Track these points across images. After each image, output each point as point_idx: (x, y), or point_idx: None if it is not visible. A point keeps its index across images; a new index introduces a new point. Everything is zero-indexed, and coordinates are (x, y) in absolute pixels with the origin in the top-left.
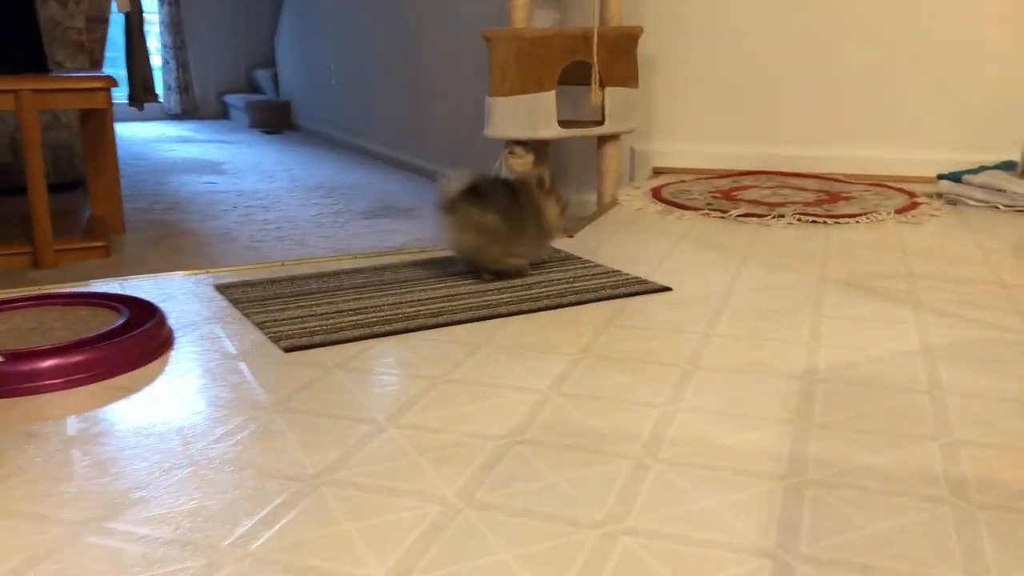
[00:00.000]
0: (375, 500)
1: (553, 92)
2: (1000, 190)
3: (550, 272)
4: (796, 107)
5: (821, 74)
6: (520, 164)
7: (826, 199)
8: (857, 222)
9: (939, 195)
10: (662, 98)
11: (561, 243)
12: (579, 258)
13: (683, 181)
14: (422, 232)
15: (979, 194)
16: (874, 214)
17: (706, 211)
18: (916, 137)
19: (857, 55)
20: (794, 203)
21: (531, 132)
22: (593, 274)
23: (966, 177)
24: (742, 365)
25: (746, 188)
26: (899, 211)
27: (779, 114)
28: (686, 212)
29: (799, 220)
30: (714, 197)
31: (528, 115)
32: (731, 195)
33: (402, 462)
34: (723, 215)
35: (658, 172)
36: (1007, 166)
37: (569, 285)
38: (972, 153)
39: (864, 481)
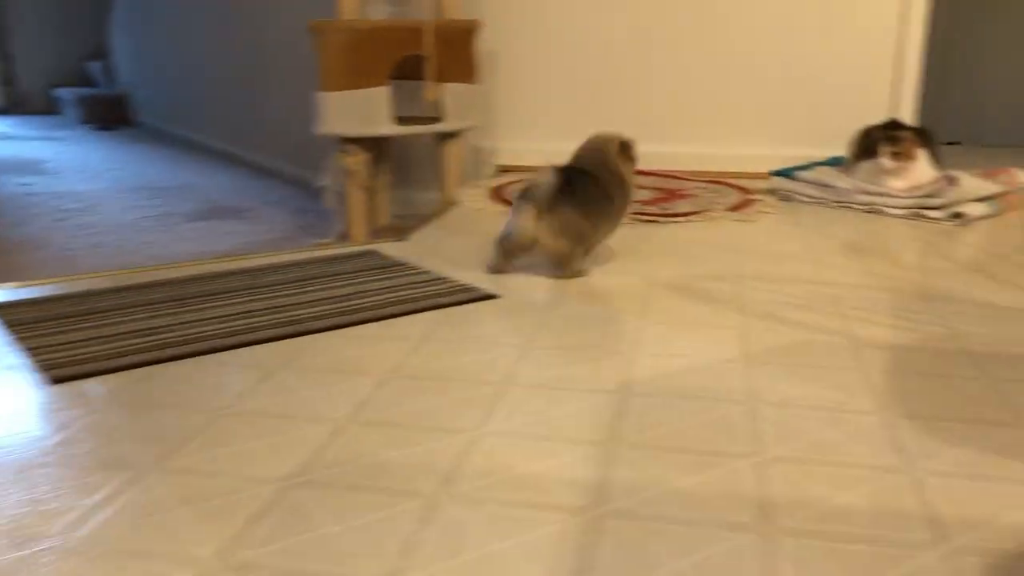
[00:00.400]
0: (118, 566)
1: (386, 87)
2: (828, 186)
3: (372, 280)
4: (638, 104)
5: (662, 72)
6: (354, 163)
7: (663, 197)
8: (691, 221)
9: (773, 191)
10: (505, 95)
11: (392, 247)
12: (405, 264)
13: (526, 179)
14: (250, 236)
15: (810, 190)
16: (708, 212)
17: None
18: (752, 133)
19: (695, 54)
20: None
21: (365, 129)
22: (418, 281)
23: (797, 173)
24: (558, 380)
25: None
26: (733, 208)
27: (621, 110)
28: None
29: (635, 219)
30: None
31: (361, 111)
32: None
33: (160, 516)
34: None
35: (504, 170)
36: (836, 162)
37: (390, 295)
38: (805, 149)
39: (668, 509)
